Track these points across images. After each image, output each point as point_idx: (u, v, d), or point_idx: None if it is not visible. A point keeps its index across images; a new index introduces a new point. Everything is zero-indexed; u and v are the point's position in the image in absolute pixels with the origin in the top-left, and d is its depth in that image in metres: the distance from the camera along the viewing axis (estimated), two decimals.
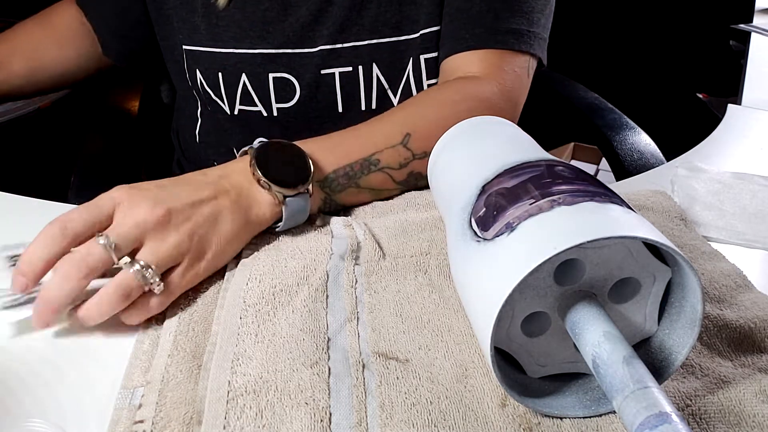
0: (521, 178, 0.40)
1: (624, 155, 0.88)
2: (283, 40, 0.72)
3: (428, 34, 0.72)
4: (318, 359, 0.40)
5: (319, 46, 0.72)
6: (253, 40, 0.72)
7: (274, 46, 0.72)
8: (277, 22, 0.72)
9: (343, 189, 0.57)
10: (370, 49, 0.72)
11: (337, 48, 0.72)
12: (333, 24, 0.71)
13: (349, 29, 0.72)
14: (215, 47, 0.73)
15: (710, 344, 0.43)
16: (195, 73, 0.76)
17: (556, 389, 0.39)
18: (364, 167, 0.58)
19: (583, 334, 0.35)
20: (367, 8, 0.71)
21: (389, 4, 0.71)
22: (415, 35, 0.72)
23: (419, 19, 0.71)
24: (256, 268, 0.47)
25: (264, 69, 0.73)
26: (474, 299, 0.37)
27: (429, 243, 0.52)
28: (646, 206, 0.59)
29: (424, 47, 0.72)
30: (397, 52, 0.72)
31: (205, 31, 0.73)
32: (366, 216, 0.56)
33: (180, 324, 0.44)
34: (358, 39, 0.72)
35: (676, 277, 0.38)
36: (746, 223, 0.60)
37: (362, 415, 0.37)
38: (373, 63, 0.73)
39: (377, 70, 0.73)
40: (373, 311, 0.45)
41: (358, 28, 0.72)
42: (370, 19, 0.71)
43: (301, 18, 0.72)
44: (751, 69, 1.07)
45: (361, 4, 0.71)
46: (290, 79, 0.73)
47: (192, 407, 0.38)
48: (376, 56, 0.72)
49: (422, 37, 0.72)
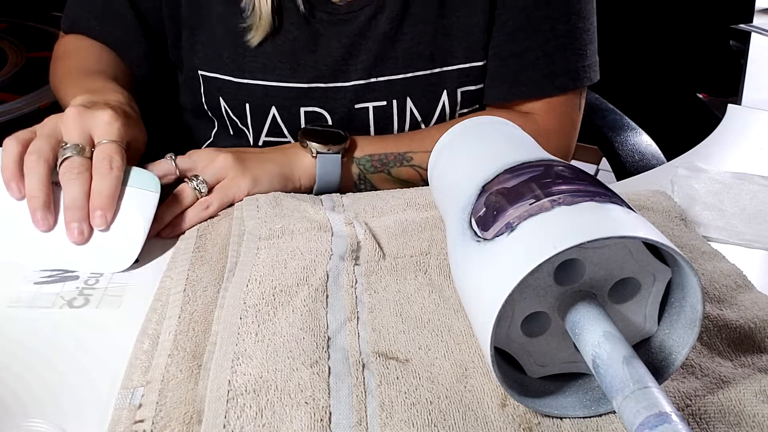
0: (521, 178, 0.40)
1: (625, 156, 0.88)
2: (315, 75, 0.70)
3: (468, 69, 0.71)
4: (318, 359, 0.40)
5: (352, 81, 0.70)
6: (283, 74, 0.70)
7: (305, 80, 0.70)
8: (307, 54, 0.69)
9: (376, 172, 0.67)
10: (404, 83, 0.71)
11: (371, 82, 0.71)
12: (367, 58, 0.70)
13: (383, 63, 0.70)
14: (241, 78, 0.71)
15: (710, 344, 0.43)
16: (217, 99, 0.73)
17: (556, 389, 0.39)
18: (397, 159, 0.67)
19: (583, 334, 0.35)
20: (400, 41, 0.69)
21: (422, 36, 0.69)
22: (450, 68, 0.71)
23: (454, 51, 0.70)
24: (256, 269, 0.47)
25: (295, 103, 0.71)
26: (474, 299, 0.37)
27: (429, 243, 0.52)
28: (646, 206, 0.59)
29: (462, 81, 0.71)
30: (431, 85, 0.71)
31: (229, 60, 0.70)
32: (366, 216, 0.56)
33: (180, 324, 0.44)
34: (392, 73, 0.70)
35: (676, 277, 0.38)
36: (746, 223, 0.60)
37: (362, 415, 0.37)
38: (407, 97, 0.71)
39: (411, 103, 0.72)
40: (373, 311, 0.45)
41: (392, 62, 0.70)
42: (403, 51, 0.70)
43: (333, 52, 0.69)
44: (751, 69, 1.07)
45: (394, 37, 0.69)
46: (322, 113, 0.72)
47: (192, 407, 0.38)
48: (410, 90, 0.71)
49: (460, 71, 0.71)
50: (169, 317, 0.45)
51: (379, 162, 0.67)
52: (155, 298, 0.48)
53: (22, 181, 0.51)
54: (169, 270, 0.51)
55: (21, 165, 0.52)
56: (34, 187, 0.51)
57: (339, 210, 0.57)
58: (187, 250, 0.53)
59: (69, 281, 0.50)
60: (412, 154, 0.68)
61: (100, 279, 0.50)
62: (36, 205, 0.51)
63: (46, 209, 0.51)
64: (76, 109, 0.54)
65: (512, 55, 0.70)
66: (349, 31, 0.69)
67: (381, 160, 0.67)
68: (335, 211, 0.56)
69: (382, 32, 0.69)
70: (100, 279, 0.50)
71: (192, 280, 0.49)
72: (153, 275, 0.51)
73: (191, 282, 0.48)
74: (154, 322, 0.45)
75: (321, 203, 0.57)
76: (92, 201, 0.51)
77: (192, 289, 0.48)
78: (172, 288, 0.48)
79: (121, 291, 0.50)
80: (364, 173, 0.67)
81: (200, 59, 0.72)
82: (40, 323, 0.46)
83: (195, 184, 0.57)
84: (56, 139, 0.53)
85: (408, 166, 0.68)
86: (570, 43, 0.69)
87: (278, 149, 0.65)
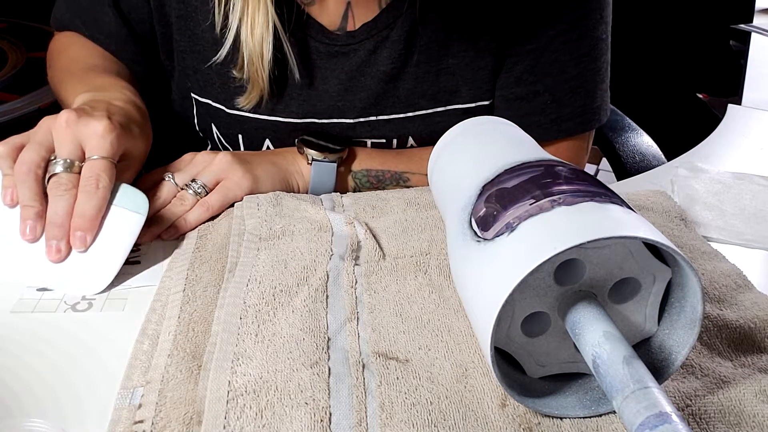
0: (521, 179, 0.40)
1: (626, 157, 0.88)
2: (310, 110, 0.67)
3: (474, 108, 0.68)
4: (318, 359, 0.40)
5: (349, 119, 0.67)
6: (275, 108, 0.67)
7: (299, 116, 0.67)
8: (302, 89, 0.66)
9: (371, 187, 0.65)
10: (405, 122, 0.68)
11: (370, 120, 0.68)
12: (366, 96, 0.66)
13: (383, 102, 0.67)
14: (233, 109, 0.68)
15: (710, 344, 0.43)
16: (210, 126, 0.71)
17: (556, 389, 0.39)
18: (393, 178, 0.66)
19: (583, 334, 0.35)
20: (402, 80, 0.66)
21: (426, 75, 0.66)
22: (454, 107, 0.68)
23: (460, 90, 0.67)
24: (256, 269, 0.47)
25: (290, 135, 0.68)
26: (474, 299, 0.37)
27: (429, 243, 0.52)
28: (646, 206, 0.59)
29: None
30: (434, 124, 0.68)
31: (221, 89, 0.67)
32: (366, 216, 0.56)
33: (180, 324, 0.44)
34: (393, 112, 0.67)
35: (676, 277, 0.38)
36: (746, 223, 0.60)
37: (362, 415, 0.37)
38: (408, 135, 0.69)
39: (412, 141, 0.70)
40: (373, 311, 0.45)
41: (393, 101, 0.67)
42: (405, 91, 0.66)
43: (330, 89, 0.66)
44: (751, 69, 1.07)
45: (396, 76, 0.66)
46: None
47: (192, 407, 0.38)
48: (412, 128, 0.68)
49: (465, 110, 0.68)
50: (168, 317, 0.45)
51: (375, 178, 0.66)
52: (155, 298, 0.48)
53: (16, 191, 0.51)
54: (169, 270, 0.51)
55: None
56: (24, 198, 0.50)
57: (339, 210, 0.57)
58: (187, 250, 0.53)
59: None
60: (409, 174, 0.66)
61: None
62: (25, 215, 0.50)
63: (35, 220, 0.50)
64: (71, 115, 0.51)
65: (519, 99, 0.67)
66: (347, 66, 0.65)
67: (377, 177, 0.66)
68: (335, 211, 0.56)
69: (383, 70, 0.65)
70: None
71: (192, 280, 0.49)
72: (153, 275, 0.51)
73: (191, 282, 0.48)
74: (153, 323, 0.45)
75: (321, 203, 0.57)
76: (74, 221, 0.50)
77: (192, 289, 0.48)
78: (172, 288, 0.48)
79: (126, 294, 0.49)
80: (359, 187, 0.66)
81: (192, 83, 0.70)
82: (40, 324, 0.46)
83: (195, 188, 0.57)
84: (47, 150, 0.51)
85: (404, 186, 0.66)
86: (579, 86, 0.67)
87: (276, 153, 0.64)
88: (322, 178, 0.63)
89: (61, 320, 0.46)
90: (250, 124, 0.68)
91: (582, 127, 0.69)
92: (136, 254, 0.54)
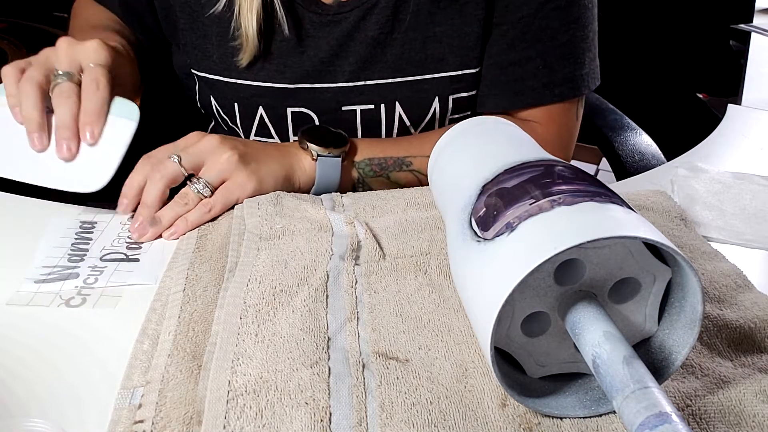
0: (521, 178, 0.40)
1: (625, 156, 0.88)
2: (302, 75, 0.70)
3: (460, 76, 0.71)
4: (318, 359, 0.40)
5: (339, 83, 0.70)
6: (270, 74, 0.70)
7: (292, 80, 0.70)
8: (295, 56, 0.70)
9: (375, 176, 0.67)
10: (392, 87, 0.70)
11: (358, 85, 0.70)
12: (354, 60, 0.69)
13: (371, 66, 0.70)
14: (229, 77, 0.71)
15: (710, 344, 0.43)
16: (209, 98, 0.74)
17: (556, 389, 0.39)
18: (396, 164, 0.67)
19: (583, 334, 0.35)
20: (390, 46, 0.69)
21: (413, 43, 0.69)
22: (441, 75, 0.70)
23: (446, 58, 0.70)
24: (256, 269, 0.47)
25: (282, 103, 0.71)
26: (474, 299, 0.37)
27: (429, 243, 0.52)
28: (646, 206, 0.59)
29: (454, 88, 0.71)
30: (422, 91, 0.71)
31: (219, 60, 0.71)
32: (366, 215, 0.56)
33: (180, 324, 0.44)
34: (380, 77, 0.70)
35: (676, 277, 0.38)
36: (746, 223, 0.60)
37: (362, 415, 0.37)
38: (396, 101, 0.71)
39: (400, 108, 0.72)
40: (373, 311, 0.45)
41: (381, 66, 0.70)
42: (393, 56, 0.69)
43: (321, 53, 0.69)
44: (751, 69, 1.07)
45: (384, 42, 0.69)
46: (309, 114, 0.72)
47: (192, 407, 0.38)
48: (399, 94, 0.71)
49: (452, 78, 0.71)
50: (168, 317, 0.45)
51: (379, 166, 0.67)
52: (155, 298, 0.48)
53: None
54: (169, 270, 0.51)
55: None
56: (29, 111, 0.57)
57: (339, 210, 0.57)
58: (187, 250, 0.53)
59: (70, 279, 0.50)
60: (411, 158, 0.68)
61: (99, 278, 0.51)
62: (32, 127, 0.57)
63: (41, 130, 0.57)
64: (66, 40, 0.60)
65: (512, 65, 0.70)
66: (338, 32, 0.69)
67: (380, 165, 0.67)
68: (335, 211, 0.56)
69: (371, 36, 0.68)
70: (99, 278, 0.51)
71: (192, 280, 0.49)
72: (153, 275, 0.51)
73: (191, 282, 0.48)
74: (153, 322, 0.45)
75: (321, 203, 0.57)
76: (81, 118, 0.57)
77: (192, 289, 0.48)
78: (172, 288, 0.48)
79: (119, 291, 0.50)
80: (363, 177, 0.67)
81: (192, 58, 0.73)
82: (40, 323, 0.46)
83: (198, 187, 0.57)
84: (48, 68, 0.59)
85: (407, 170, 0.68)
86: (569, 52, 0.69)
87: (278, 147, 0.65)
88: (327, 173, 0.63)
89: (61, 320, 0.46)
90: (246, 91, 0.72)
91: (573, 92, 0.71)
92: (137, 253, 0.54)
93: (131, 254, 0.53)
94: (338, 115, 0.72)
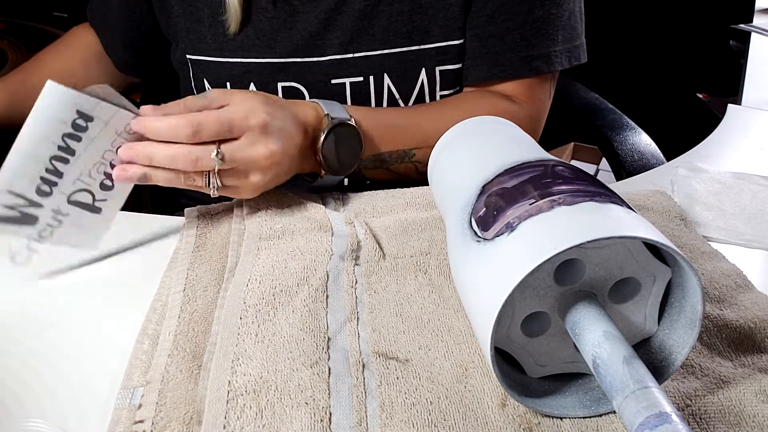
0: (521, 178, 0.40)
1: (624, 156, 0.88)
2: (291, 49, 0.71)
3: (445, 47, 0.72)
4: (318, 359, 0.40)
5: (328, 56, 0.72)
6: (260, 50, 0.72)
7: (281, 55, 0.71)
8: (284, 31, 0.71)
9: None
10: (381, 59, 0.72)
11: (347, 58, 0.72)
12: (343, 33, 0.71)
13: (360, 39, 0.71)
14: (222, 57, 0.73)
15: (710, 344, 0.43)
16: (202, 82, 0.75)
17: (556, 389, 0.39)
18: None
19: (583, 334, 0.35)
20: (377, 18, 0.70)
21: (400, 14, 0.70)
22: (427, 46, 0.72)
23: (432, 30, 0.71)
24: (256, 269, 0.47)
25: (272, 78, 0.72)
26: (474, 299, 0.37)
27: (429, 243, 0.52)
28: (646, 206, 0.59)
29: (440, 60, 0.72)
30: (409, 62, 0.72)
31: (211, 40, 0.72)
32: (366, 215, 0.56)
33: (180, 324, 0.44)
34: (369, 49, 0.71)
35: (676, 277, 0.38)
36: (746, 223, 0.60)
37: (362, 415, 0.37)
38: (384, 73, 0.72)
39: (388, 80, 0.73)
40: (373, 311, 0.45)
41: (369, 38, 0.71)
42: (380, 28, 0.71)
43: (309, 27, 0.71)
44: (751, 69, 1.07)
45: (371, 14, 0.70)
46: (299, 89, 0.73)
47: (192, 407, 0.38)
48: (388, 66, 0.72)
49: (437, 49, 0.72)
50: (168, 317, 0.45)
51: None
52: (155, 298, 0.48)
53: None
54: (169, 270, 0.51)
55: None
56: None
57: (339, 209, 0.57)
58: (187, 250, 0.53)
59: (25, 226, 0.49)
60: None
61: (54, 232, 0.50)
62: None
63: None
64: None
65: (492, 36, 0.71)
66: (325, 5, 0.70)
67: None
68: (335, 211, 0.56)
69: (358, 8, 0.70)
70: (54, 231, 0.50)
71: (192, 280, 0.49)
72: (153, 275, 0.51)
73: (191, 282, 0.48)
74: (153, 322, 0.45)
75: (321, 202, 0.57)
76: None
77: (192, 289, 0.48)
78: (172, 288, 0.48)
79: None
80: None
81: (186, 43, 0.75)
82: (40, 323, 0.46)
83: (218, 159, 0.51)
84: None
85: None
86: (544, 27, 0.71)
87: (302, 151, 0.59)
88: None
89: (61, 320, 0.46)
90: (238, 68, 0.73)
91: (548, 67, 0.73)
92: (104, 196, 0.52)
93: (99, 197, 0.51)
94: (328, 89, 0.73)
